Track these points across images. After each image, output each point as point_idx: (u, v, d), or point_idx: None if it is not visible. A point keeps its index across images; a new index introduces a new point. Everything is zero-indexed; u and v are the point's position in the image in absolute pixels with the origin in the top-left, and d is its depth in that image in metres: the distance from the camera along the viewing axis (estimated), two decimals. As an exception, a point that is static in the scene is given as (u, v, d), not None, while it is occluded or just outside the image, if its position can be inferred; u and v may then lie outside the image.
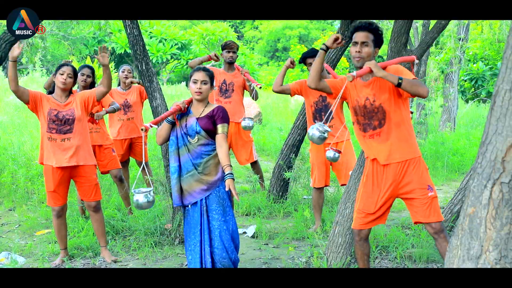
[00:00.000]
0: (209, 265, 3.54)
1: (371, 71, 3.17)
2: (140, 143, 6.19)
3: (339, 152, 4.20)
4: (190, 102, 3.67)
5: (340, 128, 5.03)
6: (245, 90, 6.19)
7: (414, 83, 3.13)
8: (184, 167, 3.59)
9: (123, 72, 6.02)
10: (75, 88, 5.20)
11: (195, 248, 3.58)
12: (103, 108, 5.38)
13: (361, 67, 3.33)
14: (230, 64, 6.05)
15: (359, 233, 3.45)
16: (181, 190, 3.61)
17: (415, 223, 3.35)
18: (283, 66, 5.02)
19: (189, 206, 3.60)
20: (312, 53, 4.97)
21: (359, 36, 3.31)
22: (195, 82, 3.58)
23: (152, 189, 3.62)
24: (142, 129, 3.47)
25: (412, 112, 3.72)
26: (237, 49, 6.04)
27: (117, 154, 5.94)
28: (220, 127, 3.55)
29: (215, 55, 5.75)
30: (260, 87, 5.70)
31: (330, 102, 5.01)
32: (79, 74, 5.18)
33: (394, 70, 3.28)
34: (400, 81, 3.11)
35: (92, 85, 5.21)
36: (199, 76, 3.57)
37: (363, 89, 3.36)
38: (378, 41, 3.33)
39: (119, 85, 6.10)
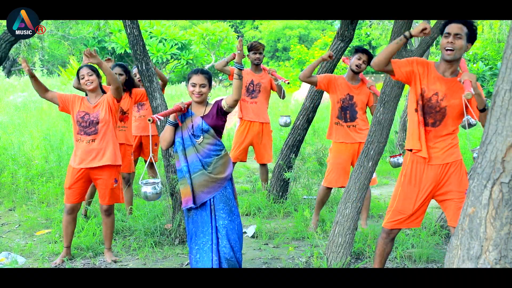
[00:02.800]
0: (216, 264, 3.54)
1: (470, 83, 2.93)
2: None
3: (400, 154, 4.12)
4: (190, 104, 3.68)
5: (365, 128, 4.92)
6: (271, 91, 6.14)
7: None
8: (191, 167, 3.58)
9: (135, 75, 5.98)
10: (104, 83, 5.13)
11: (205, 247, 3.57)
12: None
13: (450, 61, 3.16)
14: (257, 65, 6.00)
15: (390, 232, 3.39)
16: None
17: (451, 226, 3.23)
18: (319, 57, 4.91)
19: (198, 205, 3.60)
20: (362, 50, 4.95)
21: (453, 28, 3.12)
22: (193, 86, 3.58)
23: (160, 180, 3.62)
24: (149, 120, 3.47)
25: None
26: (263, 49, 5.97)
27: None
28: (226, 98, 3.55)
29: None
30: (288, 83, 5.69)
31: (356, 102, 4.93)
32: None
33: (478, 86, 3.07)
34: (486, 107, 2.97)
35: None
36: (198, 79, 3.57)
37: (437, 83, 3.20)
38: (471, 36, 3.15)
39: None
